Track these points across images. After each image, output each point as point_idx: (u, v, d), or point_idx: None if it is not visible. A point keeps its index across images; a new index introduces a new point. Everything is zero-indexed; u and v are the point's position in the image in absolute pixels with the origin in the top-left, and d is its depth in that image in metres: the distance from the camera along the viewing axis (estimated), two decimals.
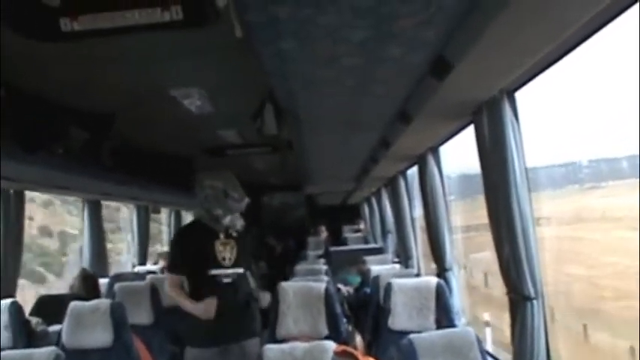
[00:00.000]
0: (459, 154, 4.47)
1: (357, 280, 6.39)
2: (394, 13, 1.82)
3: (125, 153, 5.01)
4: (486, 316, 6.01)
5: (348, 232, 11.57)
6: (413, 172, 5.79)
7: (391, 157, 4.66)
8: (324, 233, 11.00)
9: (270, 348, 2.87)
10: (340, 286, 6.39)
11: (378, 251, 8.01)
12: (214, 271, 3.50)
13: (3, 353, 2.94)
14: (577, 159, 4.58)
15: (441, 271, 4.51)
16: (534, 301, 2.85)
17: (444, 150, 4.56)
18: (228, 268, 3.56)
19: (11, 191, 4.57)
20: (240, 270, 3.58)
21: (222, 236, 3.61)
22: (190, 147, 5.70)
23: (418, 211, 5.87)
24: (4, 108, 3.09)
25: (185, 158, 6.21)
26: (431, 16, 1.86)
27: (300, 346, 2.87)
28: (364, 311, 4.66)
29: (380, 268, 5.54)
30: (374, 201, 9.35)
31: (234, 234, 3.63)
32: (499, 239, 2.99)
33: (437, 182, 4.54)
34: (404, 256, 6.41)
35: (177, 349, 4.46)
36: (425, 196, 4.58)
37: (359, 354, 2.75)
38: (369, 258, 6.42)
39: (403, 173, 6.04)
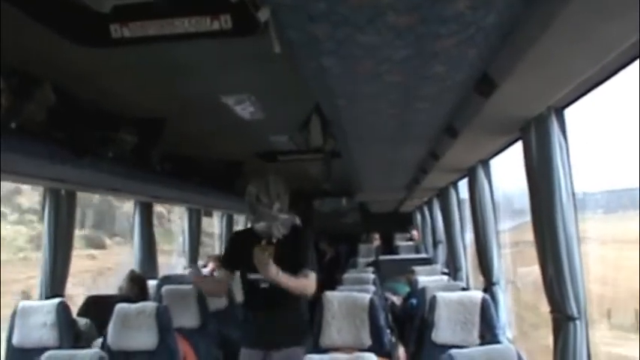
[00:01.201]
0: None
1: (405, 289, 6.36)
2: (434, 32, 1.82)
3: (176, 157, 5.12)
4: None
5: (400, 240, 11.48)
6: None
7: (441, 169, 4.65)
8: (376, 241, 10.97)
9: (313, 358, 2.89)
10: (388, 295, 6.38)
11: (428, 261, 7.94)
12: (252, 276, 3.58)
13: (48, 353, 3.03)
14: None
15: (488, 285, 4.46)
16: (577, 321, 2.82)
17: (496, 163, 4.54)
18: None
19: (62, 192, 4.69)
20: None
21: (263, 242, 3.67)
22: (242, 152, 5.78)
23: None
24: (55, 113, 3.19)
25: (236, 163, 6.31)
26: (472, 36, 1.86)
27: (341, 357, 2.89)
28: (410, 322, 4.64)
29: (427, 279, 5.49)
30: (426, 210, 9.29)
31: (275, 240, 3.69)
32: (544, 258, 2.96)
33: (486, 195, 4.50)
34: (453, 268, 6.36)
35: (222, 353, 4.53)
36: (474, 209, 4.55)
37: None
38: (418, 268, 6.38)
39: (454, 184, 6.01)
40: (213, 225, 10.20)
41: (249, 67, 3.15)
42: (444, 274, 6.54)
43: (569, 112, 2.82)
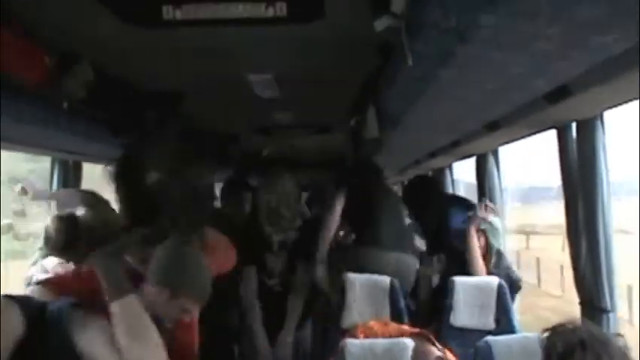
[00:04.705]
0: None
1: None
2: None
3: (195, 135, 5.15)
4: None
5: None
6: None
7: (452, 155, 4.72)
8: None
9: (352, 343, 2.95)
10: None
11: None
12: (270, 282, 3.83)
13: None
14: None
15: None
16: (610, 314, 2.93)
17: None
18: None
19: (70, 162, 4.65)
20: None
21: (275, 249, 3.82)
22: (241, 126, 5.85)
23: None
24: (92, 91, 3.17)
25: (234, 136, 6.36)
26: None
27: (380, 342, 2.96)
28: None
29: None
30: None
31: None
32: (577, 249, 3.07)
33: (495, 182, 4.60)
34: None
35: None
36: (482, 195, 4.64)
37: (433, 338, 2.88)
38: None
39: (449, 166, 6.08)
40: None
41: (274, 49, 3.18)
42: None
43: None
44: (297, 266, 3.90)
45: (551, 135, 3.18)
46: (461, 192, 6.11)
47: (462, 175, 6.07)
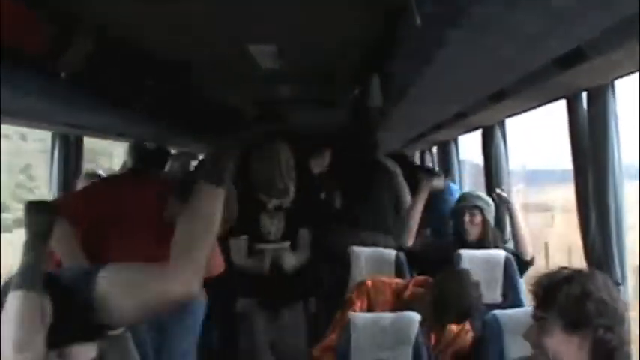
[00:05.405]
0: None
1: None
2: None
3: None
4: None
5: None
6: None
7: (458, 126, 4.65)
8: None
9: (358, 316, 2.93)
10: None
11: None
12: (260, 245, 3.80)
13: None
14: None
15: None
16: (621, 287, 2.89)
17: None
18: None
19: (72, 137, 4.62)
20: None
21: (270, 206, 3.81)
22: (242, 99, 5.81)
23: None
24: (93, 62, 3.11)
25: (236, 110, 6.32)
26: None
27: (386, 316, 2.94)
28: None
29: None
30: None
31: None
32: (587, 221, 3.01)
33: (502, 155, 4.53)
34: None
35: None
36: (488, 169, 4.58)
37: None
38: None
39: (455, 140, 6.02)
40: None
41: (276, 18, 3.12)
42: None
43: None
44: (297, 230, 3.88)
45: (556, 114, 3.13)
46: (466, 172, 6.07)
47: (467, 155, 6.02)
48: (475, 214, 3.99)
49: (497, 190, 4.14)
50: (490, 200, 4.08)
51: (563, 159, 3.21)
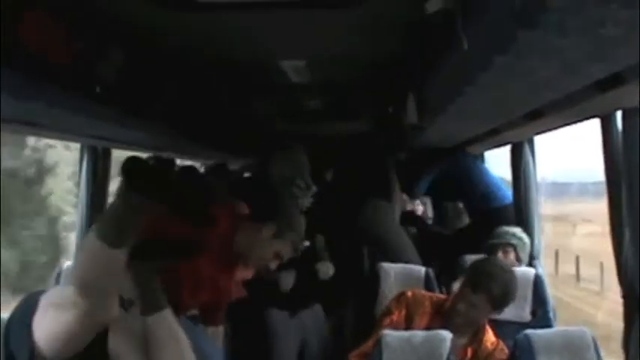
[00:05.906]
0: None
1: None
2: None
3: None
4: None
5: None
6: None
7: (488, 143, 4.65)
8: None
9: (390, 334, 2.92)
10: None
11: None
12: None
13: None
14: None
15: (530, 260, 4.48)
16: None
17: None
18: None
19: (100, 149, 4.64)
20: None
21: None
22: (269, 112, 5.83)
23: None
24: (124, 76, 3.13)
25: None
26: None
27: (418, 334, 2.93)
28: None
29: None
30: None
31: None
32: (620, 241, 2.99)
33: (530, 168, 4.50)
34: None
35: None
36: (517, 182, 4.55)
37: None
38: None
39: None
40: None
41: (309, 35, 3.11)
42: None
43: None
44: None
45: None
46: None
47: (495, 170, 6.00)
48: (509, 252, 3.97)
49: None
50: (526, 237, 4.04)
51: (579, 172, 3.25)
